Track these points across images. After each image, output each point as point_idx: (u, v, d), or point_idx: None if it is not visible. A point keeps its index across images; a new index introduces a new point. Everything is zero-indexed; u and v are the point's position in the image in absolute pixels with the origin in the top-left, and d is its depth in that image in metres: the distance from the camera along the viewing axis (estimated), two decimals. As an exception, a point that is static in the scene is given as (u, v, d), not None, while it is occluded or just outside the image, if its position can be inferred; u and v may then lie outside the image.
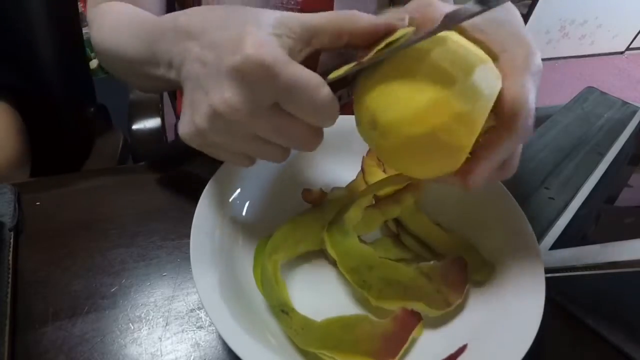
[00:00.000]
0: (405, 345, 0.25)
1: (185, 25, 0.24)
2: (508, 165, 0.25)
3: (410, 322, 0.26)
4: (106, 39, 0.36)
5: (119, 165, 0.67)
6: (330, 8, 0.43)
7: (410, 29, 0.22)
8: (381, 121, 0.22)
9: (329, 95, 0.21)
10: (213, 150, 0.25)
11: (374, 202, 0.34)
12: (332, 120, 0.23)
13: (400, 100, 0.21)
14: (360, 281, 0.29)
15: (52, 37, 0.58)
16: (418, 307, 0.28)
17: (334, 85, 0.22)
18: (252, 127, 0.22)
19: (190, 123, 0.24)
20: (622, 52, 2.41)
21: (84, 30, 0.59)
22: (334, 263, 0.30)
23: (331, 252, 0.29)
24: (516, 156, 0.25)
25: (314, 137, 0.24)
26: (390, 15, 0.23)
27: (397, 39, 0.21)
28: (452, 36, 0.22)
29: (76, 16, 0.64)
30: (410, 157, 0.23)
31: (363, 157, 0.37)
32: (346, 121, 0.39)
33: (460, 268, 0.29)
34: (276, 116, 0.22)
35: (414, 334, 0.26)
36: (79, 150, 0.67)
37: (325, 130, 0.40)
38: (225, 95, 0.21)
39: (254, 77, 0.20)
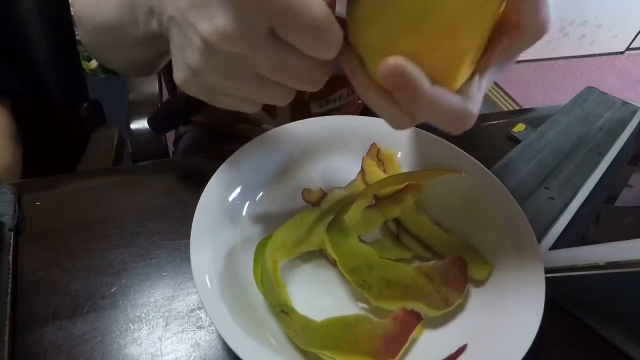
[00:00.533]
0: (405, 345, 0.25)
1: None
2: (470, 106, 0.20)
3: (410, 322, 0.26)
4: (89, 9, 0.35)
5: (115, 160, 0.67)
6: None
7: None
8: None
9: (330, 18, 0.19)
10: (214, 95, 0.24)
11: (374, 202, 0.34)
12: (335, 48, 0.20)
13: None
14: (360, 281, 0.29)
15: (45, 35, 0.58)
16: (418, 307, 0.28)
17: (329, 83, 0.21)
18: (251, 62, 0.21)
19: (183, 65, 0.22)
20: (622, 52, 2.41)
21: (76, 30, 0.58)
22: (334, 263, 0.30)
23: (331, 252, 0.30)
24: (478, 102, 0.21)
25: (318, 71, 0.22)
26: None
27: None
28: None
29: (67, 13, 0.63)
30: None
31: (363, 157, 0.37)
32: (346, 121, 0.39)
33: (460, 268, 0.29)
34: (275, 47, 0.20)
35: (414, 334, 0.26)
36: (74, 147, 0.67)
37: (325, 130, 0.40)
38: (216, 22, 0.19)
39: None
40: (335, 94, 0.55)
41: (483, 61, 0.21)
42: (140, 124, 0.58)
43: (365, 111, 0.68)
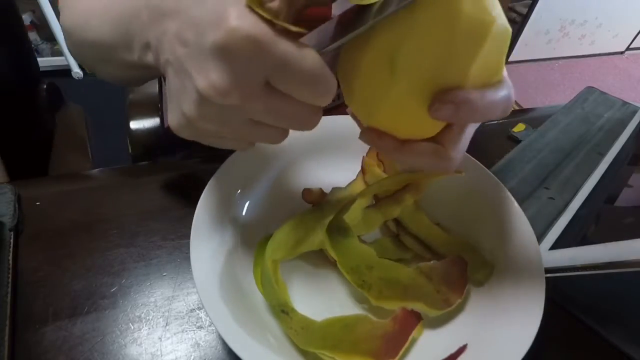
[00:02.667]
0: (405, 345, 0.25)
1: (158, 3, 0.22)
2: (451, 157, 0.24)
3: (410, 322, 0.26)
4: (78, 24, 0.35)
5: (90, 137, 0.67)
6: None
7: None
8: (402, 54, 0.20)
9: (326, 71, 0.19)
10: (207, 139, 0.24)
11: (374, 202, 0.34)
12: (330, 96, 0.20)
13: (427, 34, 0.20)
14: (360, 281, 0.29)
15: None
16: (418, 307, 0.28)
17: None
18: (244, 110, 0.21)
19: (178, 113, 0.22)
20: (622, 52, 2.41)
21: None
22: (334, 263, 0.30)
23: (331, 252, 0.29)
24: (460, 152, 0.24)
25: (311, 115, 0.22)
26: None
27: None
28: None
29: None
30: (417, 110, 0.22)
31: (363, 157, 0.37)
32: (346, 121, 0.39)
33: (460, 268, 0.29)
34: (269, 96, 0.20)
35: (414, 334, 0.26)
36: (42, 131, 0.67)
37: (325, 130, 0.40)
38: (211, 77, 0.19)
39: (242, 54, 0.18)
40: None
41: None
42: (140, 124, 0.58)
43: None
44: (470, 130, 0.25)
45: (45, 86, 0.68)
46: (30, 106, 0.67)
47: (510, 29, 0.21)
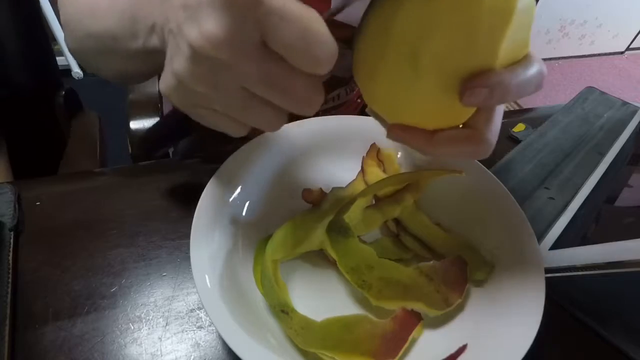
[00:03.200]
0: (405, 345, 0.25)
1: None
2: (486, 139, 0.23)
3: (410, 322, 0.26)
4: (81, 16, 0.34)
5: (101, 145, 0.67)
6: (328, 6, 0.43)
7: None
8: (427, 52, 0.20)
9: (325, 31, 0.18)
10: (198, 110, 0.23)
11: (373, 202, 0.34)
12: (329, 64, 0.19)
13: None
14: (360, 281, 0.29)
15: (15, 29, 0.58)
16: (418, 307, 0.28)
17: (328, 83, 0.21)
18: (237, 72, 0.19)
19: (169, 73, 0.22)
20: (622, 52, 2.41)
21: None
22: (334, 263, 0.30)
23: (331, 252, 0.30)
24: (495, 133, 0.23)
25: (310, 91, 0.20)
26: None
27: None
28: None
29: (37, 4, 0.63)
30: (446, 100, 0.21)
31: (363, 157, 0.37)
32: (346, 121, 0.39)
33: (460, 268, 0.29)
34: (264, 59, 0.19)
35: (413, 334, 0.26)
36: (57, 137, 0.67)
37: (325, 130, 0.40)
38: (204, 27, 0.18)
39: (236, 2, 0.18)
40: (332, 93, 0.55)
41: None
42: (140, 124, 0.58)
43: (364, 110, 0.68)
44: (500, 109, 0.24)
45: (64, 92, 0.68)
46: (48, 111, 0.66)
47: (534, 1, 0.20)
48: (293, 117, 0.58)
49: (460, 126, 0.24)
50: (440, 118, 0.23)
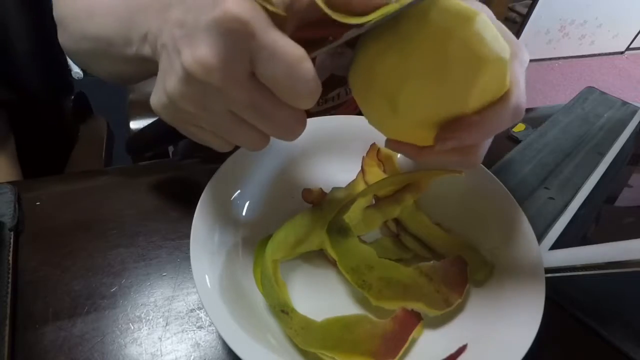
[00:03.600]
0: (405, 346, 0.25)
1: None
2: (474, 151, 0.25)
3: (411, 322, 0.26)
4: (79, 17, 0.34)
5: (106, 151, 0.67)
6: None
7: None
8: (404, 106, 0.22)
9: (310, 71, 0.19)
10: (186, 126, 0.24)
11: (374, 202, 0.34)
12: (311, 101, 0.20)
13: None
14: (360, 281, 0.29)
15: (27, 34, 0.58)
16: (418, 307, 0.28)
17: (327, 82, 0.22)
18: (226, 97, 0.21)
19: (161, 91, 0.23)
20: (622, 52, 2.41)
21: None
22: (334, 263, 0.30)
23: (331, 252, 0.29)
24: (484, 147, 0.25)
25: (294, 121, 0.22)
26: None
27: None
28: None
29: (48, 7, 0.63)
30: (423, 133, 0.23)
31: (363, 157, 0.37)
32: (346, 121, 0.39)
33: (460, 268, 0.29)
34: (252, 88, 0.20)
35: (413, 334, 0.26)
36: (64, 140, 0.67)
37: (325, 130, 0.40)
38: (198, 52, 0.19)
39: (231, 34, 0.19)
40: (332, 93, 0.55)
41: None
42: (140, 124, 0.58)
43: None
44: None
45: (73, 96, 0.69)
46: (57, 115, 0.66)
47: (506, 59, 0.21)
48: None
49: None
50: (424, 142, 0.25)
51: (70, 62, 1.66)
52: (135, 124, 0.58)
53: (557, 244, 0.34)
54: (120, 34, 0.29)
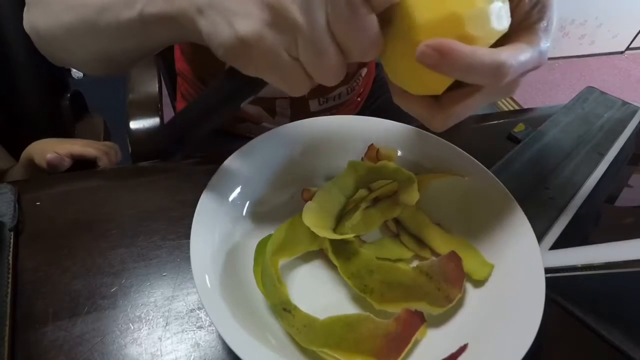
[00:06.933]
0: (408, 347, 0.25)
1: None
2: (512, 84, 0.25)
3: (414, 323, 0.26)
4: None
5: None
6: None
7: None
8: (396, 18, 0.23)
9: (376, 29, 0.22)
10: (254, 65, 0.24)
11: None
12: (373, 51, 0.23)
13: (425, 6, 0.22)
14: (361, 286, 0.29)
15: (23, 29, 0.57)
16: (421, 306, 0.28)
17: None
18: (296, 37, 0.22)
19: (230, 35, 0.23)
20: (622, 52, 2.41)
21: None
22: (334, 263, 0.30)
23: (332, 258, 0.30)
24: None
25: (375, 35, 0.23)
26: None
27: None
28: None
29: None
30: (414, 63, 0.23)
31: (362, 157, 0.37)
32: (346, 121, 0.39)
33: (456, 263, 0.29)
34: (324, 34, 0.22)
35: (417, 335, 0.26)
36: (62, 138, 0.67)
37: (325, 130, 0.40)
38: None
39: None
40: (334, 92, 0.55)
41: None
42: (139, 124, 0.58)
43: (364, 110, 0.68)
44: (474, 103, 0.25)
45: (69, 94, 0.68)
46: (53, 113, 0.66)
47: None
48: (294, 114, 0.58)
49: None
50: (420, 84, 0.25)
51: (70, 62, 1.65)
52: (135, 124, 0.58)
53: (557, 244, 0.34)
54: None
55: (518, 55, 0.22)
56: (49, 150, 0.46)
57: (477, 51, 0.21)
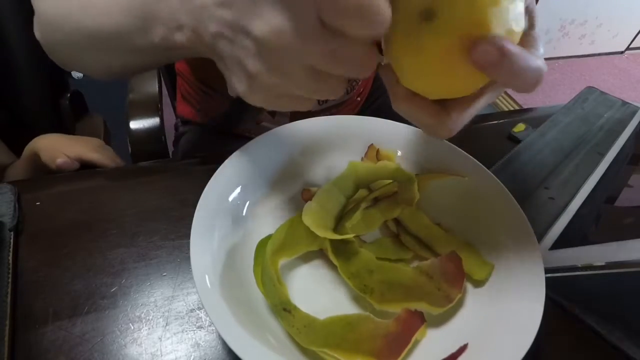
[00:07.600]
0: (408, 347, 0.25)
1: None
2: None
3: (414, 323, 0.26)
4: (68, 12, 0.33)
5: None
6: None
7: None
8: (443, 12, 0.20)
9: None
10: (274, 99, 0.24)
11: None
12: (383, 24, 0.20)
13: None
14: (361, 286, 0.29)
15: (22, 31, 0.57)
16: (421, 306, 0.28)
17: None
18: (305, 54, 0.21)
19: (243, 76, 0.23)
20: (622, 52, 2.41)
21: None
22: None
23: (332, 258, 0.30)
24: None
25: (367, 54, 0.22)
26: None
27: None
28: None
29: None
30: (455, 61, 0.21)
31: (362, 158, 0.37)
32: (346, 121, 0.39)
33: (456, 263, 0.29)
34: (325, 36, 0.21)
35: (417, 335, 0.26)
36: None
37: (325, 130, 0.40)
38: (268, 21, 0.20)
39: None
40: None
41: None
42: (140, 124, 0.58)
43: (364, 110, 0.68)
44: (482, 105, 0.25)
45: (69, 94, 0.68)
46: (53, 113, 0.66)
47: None
48: (294, 113, 0.58)
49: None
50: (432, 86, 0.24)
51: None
52: (135, 124, 0.58)
53: (557, 244, 0.34)
54: (131, 25, 0.28)
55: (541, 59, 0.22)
56: (58, 151, 0.46)
57: (528, 55, 0.20)
